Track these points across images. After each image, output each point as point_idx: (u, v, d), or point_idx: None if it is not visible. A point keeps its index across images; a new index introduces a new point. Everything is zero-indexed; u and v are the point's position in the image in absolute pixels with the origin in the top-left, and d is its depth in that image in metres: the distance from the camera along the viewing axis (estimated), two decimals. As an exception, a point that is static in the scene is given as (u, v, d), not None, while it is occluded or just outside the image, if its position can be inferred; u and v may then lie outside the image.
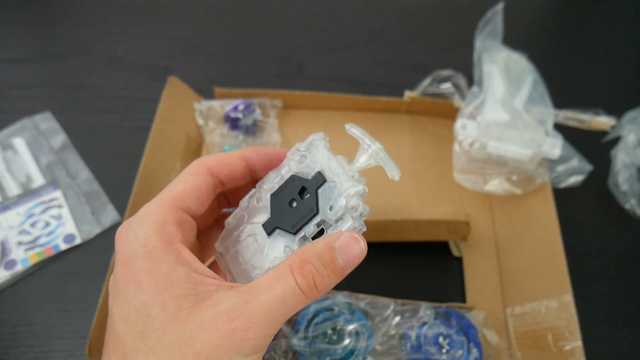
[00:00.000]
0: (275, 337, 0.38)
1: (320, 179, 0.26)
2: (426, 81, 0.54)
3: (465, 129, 0.47)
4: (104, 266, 0.44)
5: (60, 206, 0.49)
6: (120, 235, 0.25)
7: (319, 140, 0.27)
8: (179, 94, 0.52)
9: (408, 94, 0.53)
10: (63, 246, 0.46)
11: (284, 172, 0.28)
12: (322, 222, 0.25)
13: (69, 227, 0.48)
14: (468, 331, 0.39)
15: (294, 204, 0.26)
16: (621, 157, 0.50)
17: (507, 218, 0.48)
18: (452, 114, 0.51)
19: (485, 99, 0.49)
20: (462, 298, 0.44)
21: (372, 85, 0.59)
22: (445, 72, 0.54)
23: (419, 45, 0.64)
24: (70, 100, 0.57)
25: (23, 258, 0.46)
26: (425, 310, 0.40)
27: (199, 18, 0.66)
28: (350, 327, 0.38)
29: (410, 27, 0.67)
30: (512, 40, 0.56)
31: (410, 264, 0.46)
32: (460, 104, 0.51)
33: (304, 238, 0.26)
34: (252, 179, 0.30)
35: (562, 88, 0.54)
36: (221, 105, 0.53)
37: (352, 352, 0.37)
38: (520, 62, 0.54)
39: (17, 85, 0.58)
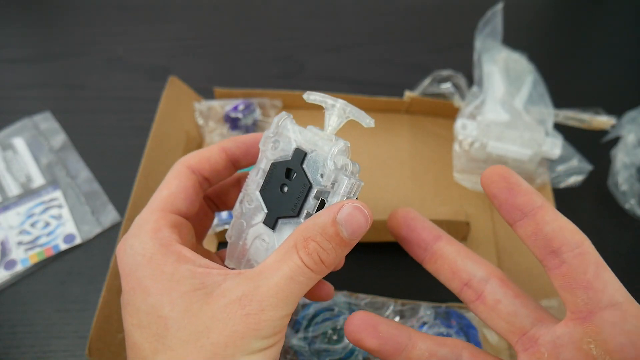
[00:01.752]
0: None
1: (300, 154, 0.26)
2: (426, 81, 0.54)
3: (465, 129, 0.47)
4: (104, 266, 0.44)
5: (60, 206, 0.49)
6: (119, 251, 0.25)
7: (284, 120, 0.27)
8: (179, 94, 0.52)
9: (408, 94, 0.53)
10: (63, 246, 0.46)
11: (263, 165, 0.27)
12: (320, 193, 0.25)
13: (69, 227, 0.48)
14: (468, 331, 0.39)
15: (285, 189, 0.26)
16: (621, 157, 0.50)
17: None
18: (452, 114, 0.51)
19: (485, 99, 0.49)
20: (462, 298, 0.44)
21: (372, 85, 0.59)
22: (445, 72, 0.54)
23: (419, 45, 0.64)
24: (70, 100, 0.57)
25: (23, 258, 0.46)
26: (425, 310, 0.40)
27: (199, 18, 0.66)
28: (350, 327, 0.38)
29: (410, 27, 0.67)
30: (512, 40, 0.56)
31: (410, 264, 0.46)
32: (460, 104, 0.51)
33: (308, 215, 0.25)
34: (236, 171, 0.31)
35: (562, 88, 0.54)
36: (221, 105, 0.53)
37: (352, 352, 0.37)
38: (520, 62, 0.54)
39: (17, 85, 0.58)
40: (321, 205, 0.25)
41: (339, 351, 0.37)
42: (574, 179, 0.47)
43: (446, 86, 0.53)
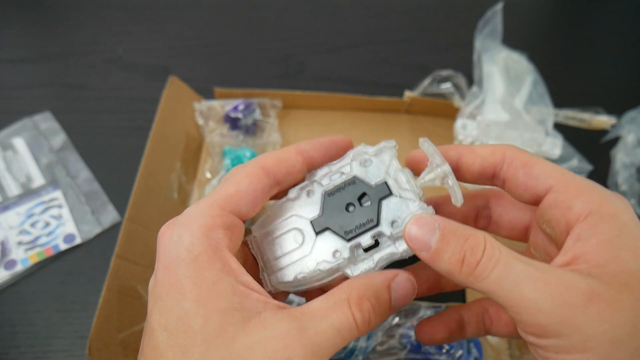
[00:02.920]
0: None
1: (385, 190, 0.25)
2: (426, 81, 0.54)
3: (465, 129, 0.47)
4: (104, 266, 0.44)
5: (60, 206, 0.49)
6: (164, 235, 0.23)
7: (389, 149, 0.26)
8: (179, 94, 0.52)
9: (408, 94, 0.53)
10: (63, 246, 0.46)
11: (345, 170, 0.26)
12: (379, 234, 0.25)
13: (69, 227, 0.48)
14: (468, 331, 0.39)
15: (351, 209, 0.25)
16: (620, 157, 0.50)
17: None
18: (452, 114, 0.51)
19: (485, 99, 0.49)
20: (462, 298, 0.44)
21: (372, 85, 0.59)
22: (445, 72, 0.54)
23: (419, 45, 0.64)
24: (70, 100, 0.57)
25: (23, 258, 0.46)
26: (425, 310, 0.40)
27: (199, 18, 0.66)
28: (350, 327, 0.38)
29: (410, 27, 0.67)
30: (512, 40, 0.56)
31: (410, 264, 0.46)
32: (460, 104, 0.51)
33: (357, 247, 0.25)
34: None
35: (562, 88, 0.54)
36: (221, 105, 0.53)
37: (352, 352, 0.37)
38: (520, 62, 0.54)
39: (17, 85, 0.58)
40: (374, 245, 0.25)
41: (338, 351, 0.37)
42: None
43: (446, 86, 0.53)
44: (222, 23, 0.66)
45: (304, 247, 0.26)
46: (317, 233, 0.26)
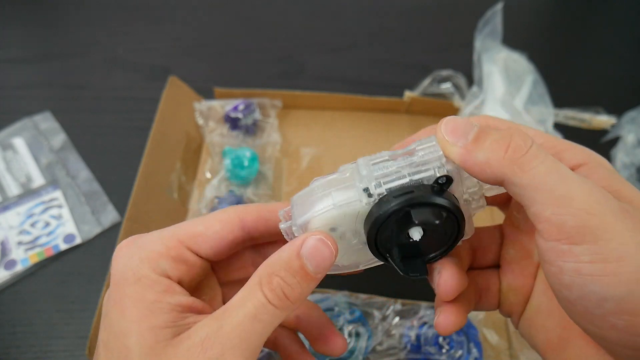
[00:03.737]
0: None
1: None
2: (426, 81, 0.54)
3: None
4: (104, 266, 0.44)
5: (60, 206, 0.49)
6: (120, 252, 0.24)
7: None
8: (179, 94, 0.52)
9: (408, 94, 0.53)
10: (63, 246, 0.46)
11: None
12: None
13: (69, 227, 0.48)
14: (468, 331, 0.39)
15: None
16: (620, 157, 0.50)
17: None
18: (452, 114, 0.51)
19: (485, 99, 0.49)
20: (462, 298, 0.44)
21: (372, 85, 0.59)
22: (445, 72, 0.54)
23: (419, 45, 0.64)
24: (70, 100, 0.57)
25: (23, 258, 0.46)
26: (425, 310, 0.40)
27: (199, 18, 0.66)
28: (350, 327, 0.38)
29: (410, 27, 0.67)
30: (512, 40, 0.56)
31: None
32: (460, 104, 0.51)
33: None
34: None
35: (562, 88, 0.54)
36: (221, 105, 0.53)
37: (352, 352, 0.37)
38: (520, 62, 0.54)
39: (17, 85, 0.58)
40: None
41: (339, 351, 0.37)
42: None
43: (446, 86, 0.53)
44: (222, 23, 0.66)
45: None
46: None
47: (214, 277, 0.28)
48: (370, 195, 0.22)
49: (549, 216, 0.19)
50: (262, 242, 0.28)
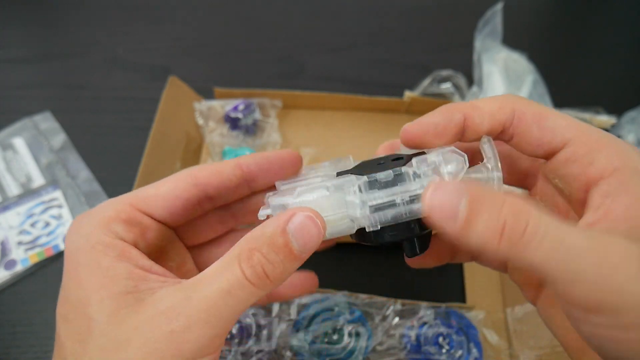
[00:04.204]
0: (274, 337, 0.38)
1: (421, 155, 0.23)
2: (426, 81, 0.54)
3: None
4: (104, 266, 0.44)
5: (60, 206, 0.49)
6: (72, 226, 0.23)
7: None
8: (179, 94, 0.52)
9: (408, 94, 0.53)
10: (63, 246, 0.46)
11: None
12: (400, 173, 0.22)
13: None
14: (468, 331, 0.39)
15: (382, 162, 0.24)
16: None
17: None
18: (452, 114, 0.51)
19: (485, 99, 0.49)
20: (462, 298, 0.44)
21: (372, 85, 0.59)
22: (445, 72, 0.54)
23: (419, 45, 0.64)
24: (70, 100, 0.57)
25: (23, 258, 0.46)
26: (425, 310, 0.40)
27: (199, 18, 0.66)
28: (350, 327, 0.38)
29: (410, 27, 0.67)
30: (512, 40, 0.56)
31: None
32: (460, 104, 0.51)
33: (374, 182, 0.22)
34: (250, 192, 0.27)
35: (562, 88, 0.54)
36: (221, 105, 0.53)
37: (352, 352, 0.37)
38: (520, 62, 0.54)
39: (17, 85, 0.58)
40: (392, 182, 0.22)
41: (339, 351, 0.37)
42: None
43: (446, 86, 0.53)
44: (222, 23, 0.66)
45: (323, 189, 0.23)
46: (338, 174, 0.24)
47: (180, 242, 0.27)
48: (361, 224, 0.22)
49: (562, 291, 0.18)
50: (226, 204, 0.27)
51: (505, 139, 0.24)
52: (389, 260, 0.46)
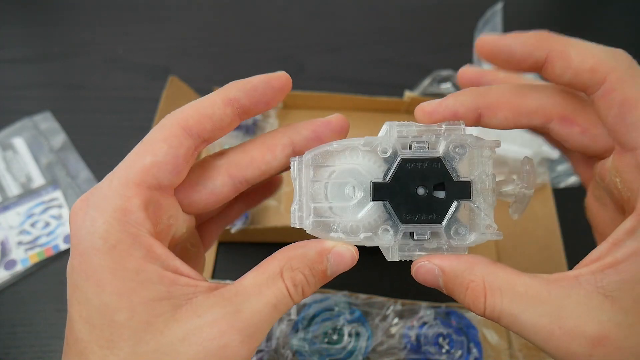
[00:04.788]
0: (274, 338, 0.38)
1: (466, 193, 0.23)
2: (426, 81, 0.54)
3: (465, 129, 0.47)
4: (104, 266, 0.44)
5: (60, 206, 0.49)
6: (76, 216, 0.21)
7: (491, 148, 0.23)
8: (179, 94, 0.52)
9: (408, 94, 0.53)
10: (63, 246, 0.46)
11: (430, 141, 0.23)
12: (437, 235, 0.23)
13: (69, 227, 0.48)
14: (468, 331, 0.39)
15: (420, 192, 0.23)
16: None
17: (507, 218, 0.48)
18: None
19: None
20: (462, 298, 0.44)
21: (372, 85, 0.59)
22: (445, 72, 0.54)
23: (419, 45, 0.64)
24: (70, 100, 0.57)
25: (23, 258, 0.46)
26: (425, 310, 0.40)
27: (199, 18, 0.66)
28: (350, 327, 0.38)
29: (410, 27, 0.67)
30: (512, 40, 0.56)
31: (410, 264, 0.46)
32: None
33: (408, 235, 0.23)
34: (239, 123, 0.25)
35: (562, 88, 0.54)
36: (221, 105, 0.53)
37: (352, 352, 0.37)
38: (520, 62, 0.54)
39: (17, 85, 0.58)
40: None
41: (339, 351, 0.37)
42: (574, 179, 0.47)
43: (446, 86, 0.53)
44: (222, 23, 0.66)
45: (352, 207, 0.23)
46: (373, 199, 0.23)
47: (180, 209, 0.24)
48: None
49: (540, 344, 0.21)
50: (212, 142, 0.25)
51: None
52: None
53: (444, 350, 0.38)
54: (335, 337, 0.38)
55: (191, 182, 0.24)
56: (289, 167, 0.25)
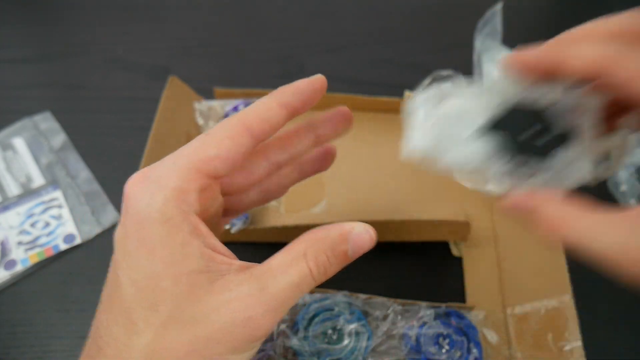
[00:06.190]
0: (274, 337, 0.38)
1: (571, 138, 0.25)
2: (426, 81, 0.54)
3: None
4: (104, 266, 0.44)
5: (60, 206, 0.49)
6: (135, 187, 0.23)
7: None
8: (179, 94, 0.52)
9: (408, 94, 0.53)
10: (63, 246, 0.46)
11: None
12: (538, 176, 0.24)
13: (69, 227, 0.48)
14: (468, 331, 0.39)
15: (530, 133, 0.25)
16: (621, 157, 0.50)
17: (507, 218, 0.48)
18: (452, 114, 0.51)
19: (485, 99, 0.49)
20: (462, 298, 0.44)
21: (372, 85, 0.59)
22: (445, 72, 0.54)
23: (419, 45, 0.64)
24: (70, 100, 0.57)
25: (23, 258, 0.46)
26: (425, 310, 0.40)
27: (199, 18, 0.66)
28: (350, 327, 0.38)
29: (410, 27, 0.67)
30: (512, 40, 0.56)
31: (410, 264, 0.46)
32: (460, 104, 0.51)
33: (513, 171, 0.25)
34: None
35: (562, 88, 0.54)
36: (221, 105, 0.53)
37: (352, 352, 0.37)
38: (520, 62, 0.54)
39: (17, 85, 0.58)
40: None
41: (339, 351, 0.37)
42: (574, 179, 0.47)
43: (446, 86, 0.53)
44: (222, 23, 0.66)
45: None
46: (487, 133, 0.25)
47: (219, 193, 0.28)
48: None
49: None
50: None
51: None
52: (389, 260, 0.46)
53: (444, 351, 0.38)
54: (335, 337, 0.38)
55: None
56: (282, 125, 0.27)
